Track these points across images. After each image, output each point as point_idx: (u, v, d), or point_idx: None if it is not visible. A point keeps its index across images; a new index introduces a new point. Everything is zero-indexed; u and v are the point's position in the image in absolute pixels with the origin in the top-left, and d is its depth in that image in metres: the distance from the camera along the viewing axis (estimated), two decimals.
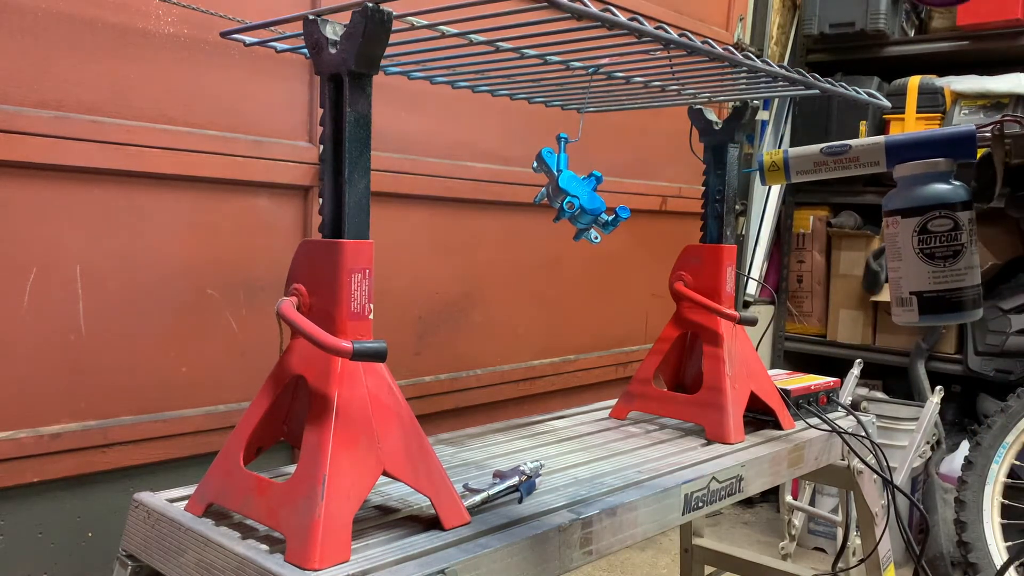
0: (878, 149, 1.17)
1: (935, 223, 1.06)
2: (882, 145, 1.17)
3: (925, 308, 1.07)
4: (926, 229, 1.06)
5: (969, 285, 1.06)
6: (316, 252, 0.99)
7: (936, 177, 1.08)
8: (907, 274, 1.08)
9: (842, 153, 1.22)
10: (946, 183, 1.07)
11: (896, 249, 1.09)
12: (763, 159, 1.31)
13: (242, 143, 1.69)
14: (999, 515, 2.57)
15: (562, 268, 2.49)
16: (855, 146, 1.21)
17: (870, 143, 1.19)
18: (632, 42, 1.07)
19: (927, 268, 1.06)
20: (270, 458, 1.22)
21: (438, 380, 2.14)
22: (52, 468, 1.50)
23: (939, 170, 1.08)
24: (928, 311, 1.07)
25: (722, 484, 1.30)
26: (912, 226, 1.07)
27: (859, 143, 1.21)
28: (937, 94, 3.01)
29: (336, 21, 0.96)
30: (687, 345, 1.61)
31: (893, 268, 1.10)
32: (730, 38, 3.08)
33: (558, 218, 1.29)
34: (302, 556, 0.89)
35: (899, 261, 1.09)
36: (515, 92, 1.49)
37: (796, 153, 1.28)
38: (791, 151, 1.28)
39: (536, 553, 1.01)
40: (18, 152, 1.40)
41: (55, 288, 1.48)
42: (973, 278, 1.06)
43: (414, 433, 1.01)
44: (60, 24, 1.45)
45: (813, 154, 1.26)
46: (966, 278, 1.06)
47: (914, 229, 1.07)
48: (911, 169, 1.09)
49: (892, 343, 3.22)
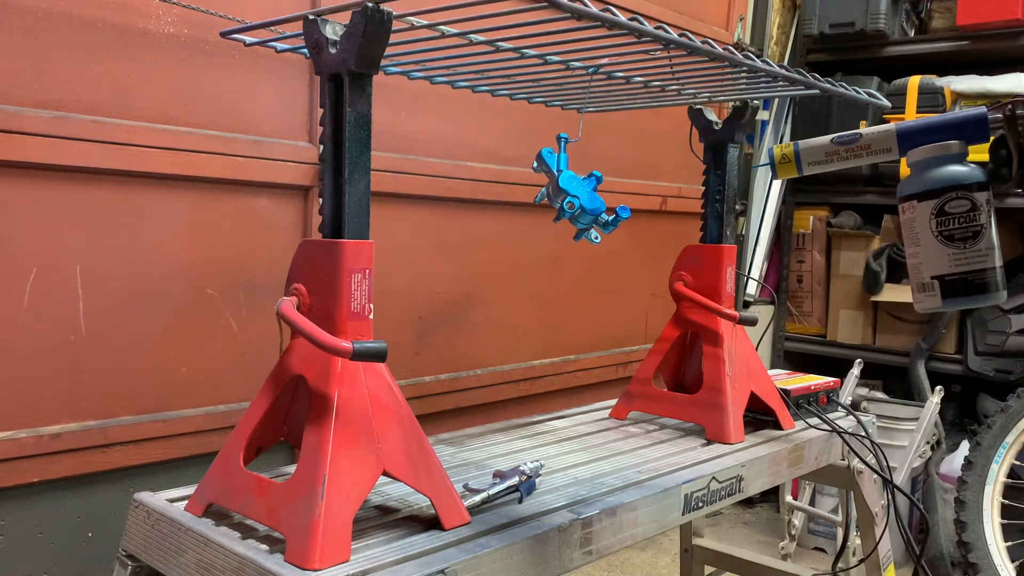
0: (890, 136, 1.15)
1: (952, 204, 1.03)
2: (893, 132, 1.15)
3: (948, 291, 1.04)
4: (943, 211, 1.04)
5: (991, 266, 1.03)
6: (316, 252, 0.99)
7: (950, 159, 1.06)
8: (927, 259, 1.06)
9: (853, 142, 1.21)
10: (961, 164, 1.05)
11: (914, 235, 1.07)
12: (774, 152, 1.30)
13: (242, 143, 1.69)
14: (999, 515, 2.57)
15: (562, 268, 2.49)
16: (866, 134, 1.19)
17: (881, 130, 1.17)
18: (632, 42, 1.07)
19: (947, 251, 1.04)
20: (270, 458, 1.22)
21: (438, 380, 2.14)
22: (52, 468, 1.50)
23: (953, 152, 1.06)
24: (951, 294, 1.04)
25: (722, 484, 1.30)
26: (929, 209, 1.04)
27: (870, 131, 1.19)
28: (937, 94, 3.01)
29: (336, 21, 0.96)
30: (687, 345, 1.61)
31: (912, 255, 1.08)
32: (730, 38, 3.08)
33: (558, 218, 1.29)
34: (302, 556, 0.89)
35: (917, 247, 1.07)
36: (515, 92, 1.49)
37: (807, 145, 1.26)
38: (802, 143, 1.27)
39: (536, 553, 1.01)
40: (18, 152, 1.41)
41: (55, 288, 1.48)
42: (995, 259, 1.03)
43: (414, 433, 1.01)
44: (60, 24, 1.45)
45: (824, 144, 1.25)
46: (987, 259, 1.03)
47: (931, 212, 1.04)
48: (924, 153, 1.07)
49: (892, 343, 3.21)
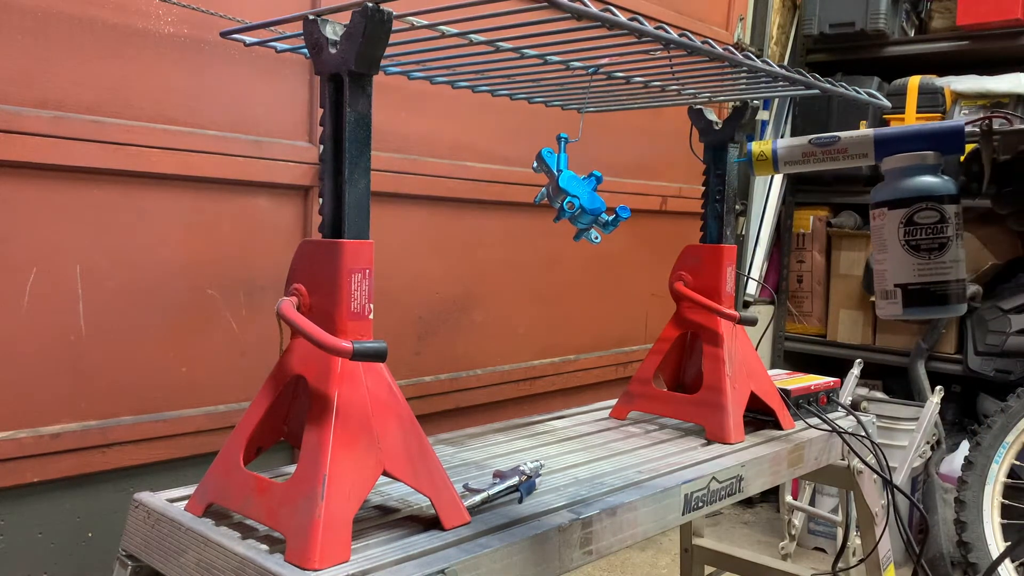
0: (867, 141, 1.17)
1: (921, 215, 1.05)
2: (871, 138, 1.16)
3: (909, 300, 1.06)
4: (912, 221, 1.05)
5: (954, 279, 1.05)
6: (316, 252, 0.99)
7: (924, 170, 1.07)
8: (892, 266, 1.07)
9: (830, 144, 1.22)
10: (933, 176, 1.06)
11: (882, 241, 1.08)
12: (752, 149, 1.31)
13: (242, 143, 1.69)
14: (999, 515, 2.57)
15: (562, 268, 2.49)
16: (844, 138, 1.21)
17: (859, 135, 1.18)
18: (632, 42, 1.07)
19: (912, 260, 1.05)
20: (270, 458, 1.22)
21: (438, 380, 2.14)
22: (52, 468, 1.50)
23: (927, 163, 1.07)
24: (912, 303, 1.06)
25: (722, 484, 1.30)
26: (898, 218, 1.06)
27: (848, 135, 1.20)
28: (937, 94, 3.01)
29: (336, 21, 0.96)
30: (687, 345, 1.61)
31: (879, 261, 1.09)
32: (730, 38, 3.08)
33: (558, 218, 1.29)
34: (302, 556, 0.89)
35: (884, 253, 1.08)
36: (515, 92, 1.49)
37: (785, 144, 1.27)
38: (780, 142, 1.28)
39: (536, 553, 1.01)
40: (18, 152, 1.41)
41: (55, 288, 1.48)
42: (958, 272, 1.05)
43: (414, 433, 1.01)
44: (60, 24, 1.45)
45: (802, 145, 1.26)
46: (951, 272, 1.05)
47: (900, 221, 1.06)
48: (898, 161, 1.09)
49: (892, 343, 3.21)
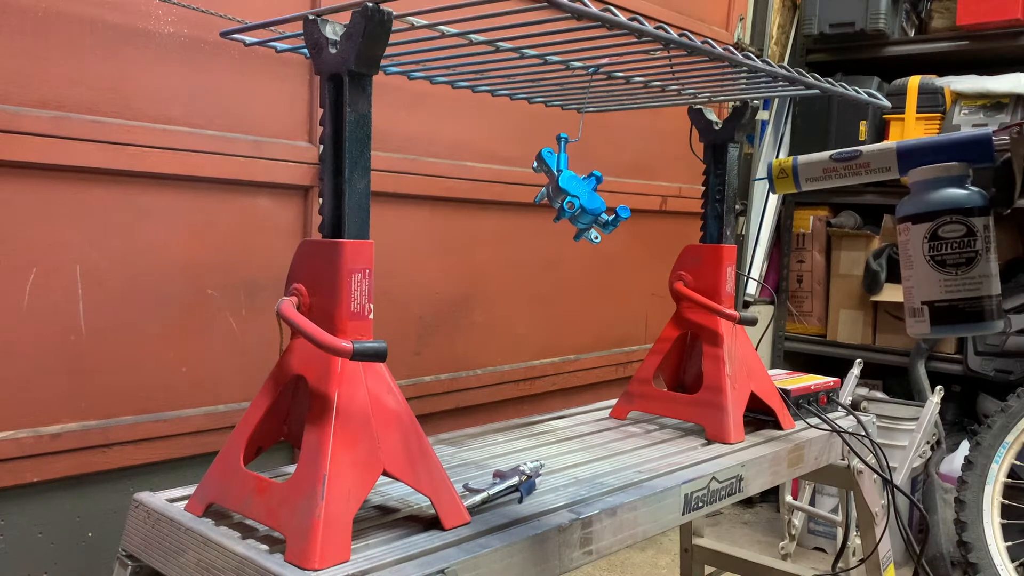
0: (889, 154, 1.12)
1: (946, 229, 1.00)
2: (893, 150, 1.11)
3: (937, 318, 1.01)
4: (936, 235, 1.00)
5: (986, 294, 0.99)
6: (316, 252, 0.99)
7: (949, 182, 1.02)
8: (918, 283, 1.02)
9: (852, 159, 1.17)
10: (960, 187, 1.01)
11: (908, 257, 1.03)
12: (771, 166, 1.27)
13: (242, 143, 1.69)
14: (999, 515, 2.57)
15: (562, 268, 2.49)
16: (866, 152, 1.15)
17: (881, 148, 1.13)
18: (632, 42, 1.07)
19: (938, 276, 1.00)
20: (270, 458, 1.22)
21: (438, 380, 2.14)
22: (52, 468, 1.50)
23: (952, 174, 1.02)
24: (940, 321, 1.00)
25: (722, 484, 1.30)
26: (922, 232, 1.01)
27: (870, 149, 1.15)
28: (937, 94, 3.01)
29: (336, 21, 0.96)
30: (687, 345, 1.61)
31: (905, 277, 1.04)
32: (730, 38, 3.08)
33: (558, 218, 1.29)
34: (302, 556, 0.89)
35: (910, 270, 1.03)
36: (515, 92, 1.49)
37: (805, 160, 1.22)
38: (800, 158, 1.22)
39: (536, 553, 1.01)
40: (18, 152, 1.41)
41: (55, 288, 1.48)
42: (991, 287, 0.99)
43: (414, 433, 1.01)
44: (60, 24, 1.45)
45: (823, 161, 1.20)
46: (982, 287, 0.99)
47: (924, 235, 1.01)
48: (923, 174, 1.04)
49: (892, 343, 3.22)
